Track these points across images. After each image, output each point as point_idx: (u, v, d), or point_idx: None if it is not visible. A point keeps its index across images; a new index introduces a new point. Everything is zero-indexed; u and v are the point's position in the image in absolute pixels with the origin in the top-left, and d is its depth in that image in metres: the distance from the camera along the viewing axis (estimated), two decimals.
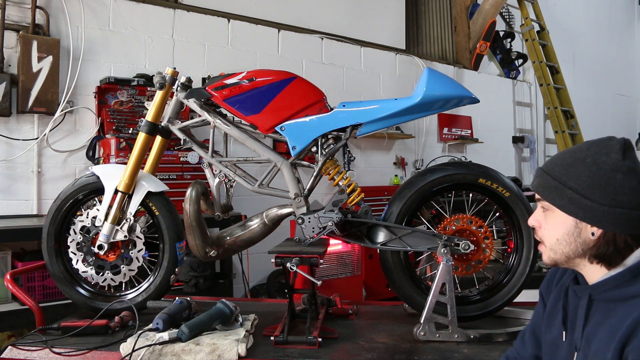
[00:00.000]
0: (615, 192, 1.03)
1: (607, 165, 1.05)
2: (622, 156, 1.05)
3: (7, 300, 2.81)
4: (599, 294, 1.08)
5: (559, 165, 1.11)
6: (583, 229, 1.07)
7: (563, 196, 1.08)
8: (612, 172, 1.04)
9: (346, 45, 5.21)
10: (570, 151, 1.13)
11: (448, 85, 1.97)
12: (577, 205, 1.06)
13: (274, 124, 2.02)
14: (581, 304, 1.12)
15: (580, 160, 1.08)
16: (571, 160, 1.10)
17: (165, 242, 2.12)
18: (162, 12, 4.04)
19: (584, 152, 1.09)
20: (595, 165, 1.06)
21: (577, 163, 1.08)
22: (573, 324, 1.13)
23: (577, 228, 1.08)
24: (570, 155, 1.11)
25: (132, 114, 3.56)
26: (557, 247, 1.11)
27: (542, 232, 1.15)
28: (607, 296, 1.06)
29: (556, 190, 1.09)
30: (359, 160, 5.23)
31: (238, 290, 3.92)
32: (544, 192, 1.12)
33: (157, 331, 1.74)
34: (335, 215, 1.96)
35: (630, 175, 1.04)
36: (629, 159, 1.05)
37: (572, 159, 1.10)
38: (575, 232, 1.08)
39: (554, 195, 1.10)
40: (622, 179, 1.03)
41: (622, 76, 9.36)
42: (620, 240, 1.05)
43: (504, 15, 7.24)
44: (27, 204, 3.43)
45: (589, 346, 1.06)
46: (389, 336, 1.93)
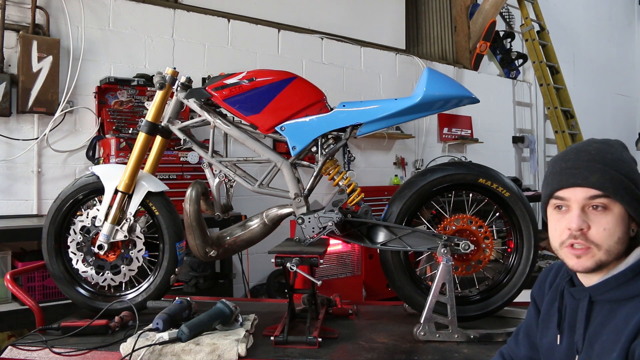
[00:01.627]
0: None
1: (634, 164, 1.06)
2: None
3: (7, 300, 2.81)
4: (600, 294, 1.06)
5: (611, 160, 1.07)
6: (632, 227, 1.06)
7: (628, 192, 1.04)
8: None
9: (346, 45, 5.21)
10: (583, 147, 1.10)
11: (448, 85, 1.97)
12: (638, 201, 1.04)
13: (274, 124, 2.03)
14: (581, 306, 1.09)
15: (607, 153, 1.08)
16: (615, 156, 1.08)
17: (165, 242, 2.12)
18: (162, 12, 4.04)
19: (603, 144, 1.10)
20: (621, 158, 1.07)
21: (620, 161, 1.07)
22: (572, 326, 1.11)
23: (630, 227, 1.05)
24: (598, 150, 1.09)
25: (132, 114, 3.55)
26: (615, 248, 1.04)
27: (595, 234, 1.05)
28: (610, 296, 1.04)
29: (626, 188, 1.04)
30: (359, 160, 5.23)
31: (238, 290, 3.92)
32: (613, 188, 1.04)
33: (157, 331, 1.74)
34: (335, 215, 1.96)
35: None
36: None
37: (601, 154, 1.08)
38: (629, 231, 1.05)
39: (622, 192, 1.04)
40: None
41: (622, 76, 9.36)
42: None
43: (504, 15, 7.24)
44: (27, 204, 3.43)
45: (592, 348, 1.04)
46: (389, 336, 1.93)
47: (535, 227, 2.06)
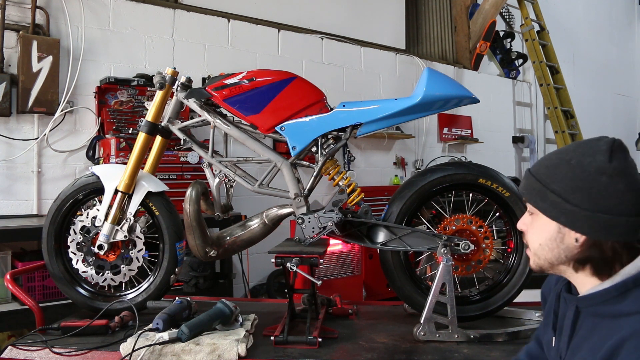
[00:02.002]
0: (599, 196, 0.97)
1: (591, 167, 0.98)
2: (608, 158, 0.97)
3: (7, 300, 2.81)
4: (585, 307, 1.03)
5: (545, 167, 1.05)
6: (566, 235, 1.01)
7: (545, 199, 1.03)
8: (597, 175, 0.97)
9: (346, 45, 5.21)
10: (558, 152, 1.07)
11: (448, 85, 1.97)
12: (559, 210, 1.00)
13: (274, 124, 2.02)
14: (568, 314, 1.07)
15: (565, 162, 1.02)
16: (557, 161, 1.04)
17: (165, 242, 2.12)
18: (162, 12, 4.04)
19: (570, 153, 1.03)
20: (580, 166, 0.99)
21: (561, 164, 1.02)
22: (561, 331, 1.10)
23: (560, 233, 1.02)
24: (557, 156, 1.05)
25: (132, 114, 3.56)
26: (540, 253, 1.06)
27: (528, 236, 1.10)
28: (594, 311, 1.01)
29: (539, 193, 1.04)
30: (359, 160, 5.23)
31: (238, 290, 3.92)
32: (528, 194, 1.07)
33: (157, 331, 1.74)
34: (335, 215, 1.96)
35: (617, 178, 0.96)
36: (616, 160, 0.97)
37: (557, 159, 1.04)
38: (558, 237, 1.02)
39: (537, 198, 1.05)
40: (607, 182, 0.96)
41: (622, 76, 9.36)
42: (607, 247, 0.98)
43: (504, 15, 7.24)
44: (27, 204, 3.43)
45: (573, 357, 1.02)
46: (389, 336, 1.93)
47: None
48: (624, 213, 0.96)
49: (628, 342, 0.89)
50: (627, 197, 0.96)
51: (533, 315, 2.08)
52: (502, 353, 1.76)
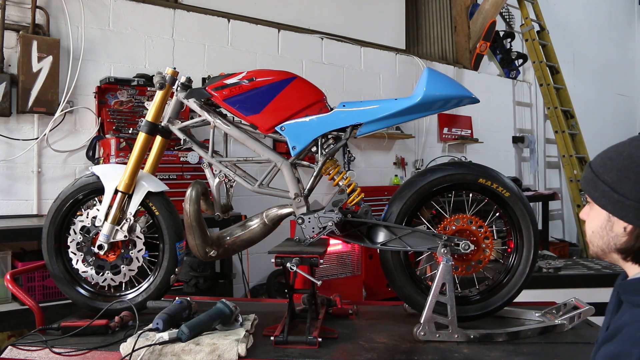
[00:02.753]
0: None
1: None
2: None
3: (7, 300, 2.81)
4: (624, 293, 1.06)
5: (601, 158, 1.09)
6: (615, 224, 1.05)
7: (597, 189, 1.06)
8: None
9: (346, 45, 5.21)
10: (616, 145, 1.09)
11: (448, 85, 1.97)
12: (608, 199, 1.04)
13: (274, 124, 2.02)
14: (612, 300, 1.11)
15: (618, 154, 1.05)
16: (612, 153, 1.07)
17: (165, 242, 2.12)
18: (162, 12, 4.04)
19: (625, 146, 1.06)
20: (630, 158, 1.02)
21: (614, 156, 1.06)
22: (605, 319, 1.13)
23: (609, 222, 1.06)
24: (613, 149, 1.08)
25: (132, 114, 3.56)
26: (593, 240, 1.10)
27: (586, 224, 1.13)
28: (626, 298, 1.05)
29: (592, 183, 1.08)
30: (359, 160, 5.23)
31: (238, 290, 3.92)
32: (584, 184, 1.11)
33: (157, 331, 1.74)
34: (335, 215, 1.96)
35: None
36: None
37: (612, 152, 1.07)
38: (607, 225, 1.06)
39: (590, 187, 1.09)
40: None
41: (622, 76, 9.36)
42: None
43: (504, 15, 7.24)
44: (27, 204, 3.43)
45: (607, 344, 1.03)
46: (389, 336, 1.93)
47: (536, 227, 2.06)
48: None
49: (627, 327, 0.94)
50: None
51: (533, 315, 2.08)
52: (502, 353, 1.76)
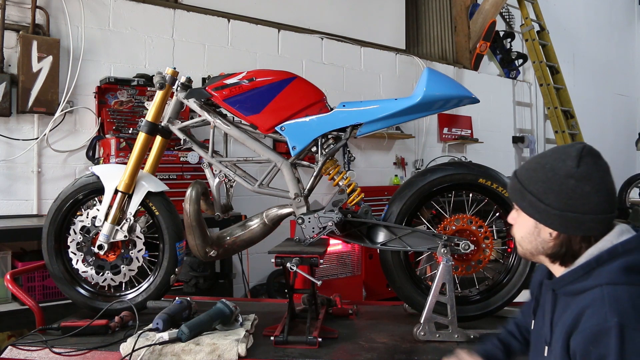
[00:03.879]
0: (568, 197, 1.10)
1: (562, 172, 1.11)
2: (576, 163, 1.10)
3: (7, 300, 2.81)
4: (559, 288, 1.16)
5: (525, 170, 1.20)
6: (542, 230, 1.16)
7: (524, 199, 1.17)
8: (566, 178, 1.10)
9: (346, 45, 5.21)
10: (537, 156, 1.20)
11: (448, 85, 1.97)
12: (535, 208, 1.15)
13: (274, 124, 2.02)
14: (548, 298, 1.21)
15: (541, 166, 1.15)
16: (535, 165, 1.17)
17: (165, 242, 2.12)
18: (162, 12, 4.04)
19: (546, 158, 1.16)
20: (552, 170, 1.12)
21: (538, 168, 1.16)
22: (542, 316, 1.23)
23: (536, 228, 1.16)
24: (536, 161, 1.19)
25: (132, 114, 3.55)
26: (522, 244, 1.22)
27: (514, 229, 1.24)
28: (565, 291, 1.14)
29: (520, 193, 1.18)
30: (359, 160, 5.23)
31: (238, 290, 3.92)
32: (511, 193, 1.22)
33: (157, 331, 1.74)
34: (335, 215, 1.96)
35: (584, 181, 1.09)
36: (584, 165, 1.10)
37: (535, 164, 1.18)
38: (535, 232, 1.17)
39: (518, 197, 1.19)
40: (574, 185, 1.09)
41: (622, 76, 9.36)
42: (576, 242, 1.13)
43: (504, 15, 7.24)
44: (27, 204, 3.43)
45: (553, 338, 1.14)
46: (389, 336, 1.93)
47: None
48: (590, 212, 1.10)
49: (587, 309, 1.03)
50: (592, 198, 1.09)
51: None
52: None
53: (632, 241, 1.09)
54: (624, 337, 0.96)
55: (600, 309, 1.01)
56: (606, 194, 1.10)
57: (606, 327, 0.98)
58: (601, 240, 1.11)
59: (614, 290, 1.03)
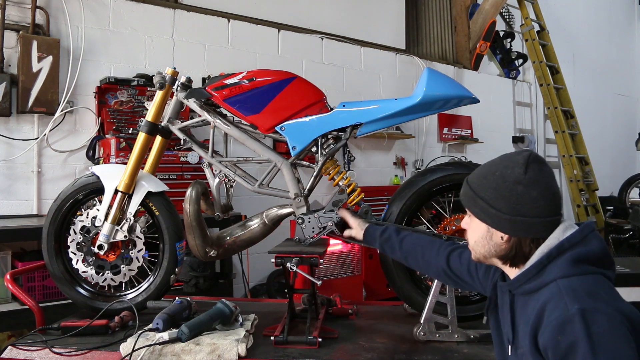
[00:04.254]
0: (517, 202, 1.16)
1: (510, 178, 1.17)
2: (524, 170, 1.16)
3: (7, 300, 2.81)
4: (515, 289, 1.22)
5: (477, 177, 1.25)
6: (494, 234, 1.21)
7: (476, 205, 1.22)
8: (514, 185, 1.16)
9: (346, 45, 5.21)
10: (488, 164, 1.26)
11: (448, 85, 1.97)
12: (486, 214, 1.20)
13: (274, 124, 2.02)
14: (505, 299, 1.26)
15: (491, 173, 1.21)
16: (485, 172, 1.23)
17: (165, 242, 2.12)
18: (162, 12, 4.04)
19: (495, 166, 1.22)
20: (501, 177, 1.18)
21: (488, 175, 1.21)
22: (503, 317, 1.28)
23: (488, 233, 1.22)
24: (487, 168, 1.24)
25: (132, 114, 3.56)
26: (476, 248, 1.27)
27: (467, 234, 1.30)
28: (521, 290, 1.19)
29: (472, 200, 1.23)
30: (359, 160, 5.23)
31: (238, 290, 3.92)
32: (464, 200, 1.27)
33: (157, 331, 1.74)
34: (335, 215, 1.96)
35: (531, 187, 1.15)
36: (531, 171, 1.16)
37: (486, 171, 1.23)
38: (487, 236, 1.22)
39: (470, 203, 1.24)
40: (522, 190, 1.15)
41: (622, 76, 9.35)
42: (526, 244, 1.18)
43: (504, 15, 7.24)
44: (27, 204, 3.43)
45: (517, 337, 1.20)
46: (389, 336, 1.93)
47: None
48: (538, 215, 1.15)
49: (548, 304, 1.08)
50: (540, 202, 1.15)
51: None
52: None
53: (576, 235, 1.15)
54: (586, 320, 1.01)
55: (559, 301, 1.06)
56: (552, 198, 1.16)
57: (569, 315, 1.02)
58: (548, 238, 1.16)
59: (568, 282, 1.09)
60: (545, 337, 1.05)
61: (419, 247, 1.63)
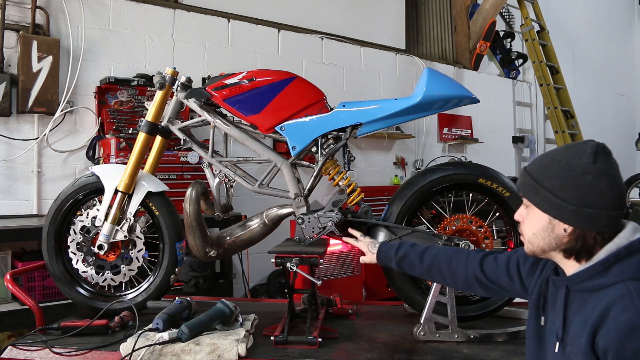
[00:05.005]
0: (584, 192, 1.10)
1: (578, 168, 1.12)
2: (593, 159, 1.11)
3: (7, 300, 2.81)
4: (574, 285, 1.16)
5: (538, 166, 1.19)
6: (556, 226, 1.15)
7: (538, 195, 1.16)
8: (582, 174, 1.11)
9: (346, 45, 5.21)
10: (550, 153, 1.20)
11: (448, 85, 1.97)
12: (550, 204, 1.14)
13: (274, 124, 2.02)
14: (559, 294, 1.20)
15: (555, 162, 1.16)
16: (548, 161, 1.18)
17: (165, 242, 2.12)
18: (162, 12, 4.04)
19: (560, 155, 1.16)
20: (568, 167, 1.13)
21: (552, 165, 1.16)
22: (553, 313, 1.22)
23: (550, 224, 1.16)
24: (549, 157, 1.19)
25: (132, 114, 3.56)
26: (534, 240, 1.20)
27: (523, 226, 1.24)
28: (582, 287, 1.14)
29: (533, 189, 1.18)
30: (359, 160, 5.22)
31: (238, 290, 3.92)
32: (523, 190, 1.21)
33: (157, 331, 1.74)
34: (335, 215, 1.96)
35: (600, 177, 1.10)
36: (599, 162, 1.11)
37: (549, 160, 1.18)
38: (549, 227, 1.16)
39: (531, 193, 1.18)
40: (591, 180, 1.10)
41: (622, 76, 9.35)
42: (590, 237, 1.13)
43: (504, 15, 7.24)
44: (27, 204, 3.43)
45: (567, 334, 1.14)
46: (389, 336, 1.93)
47: None
48: (605, 207, 1.10)
49: (615, 305, 1.04)
50: (608, 194, 1.10)
51: None
52: (502, 353, 1.76)
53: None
54: None
55: (630, 304, 1.02)
56: (619, 191, 1.12)
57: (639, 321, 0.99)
58: (617, 237, 1.12)
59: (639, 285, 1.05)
60: (609, 339, 1.01)
61: (443, 257, 1.57)
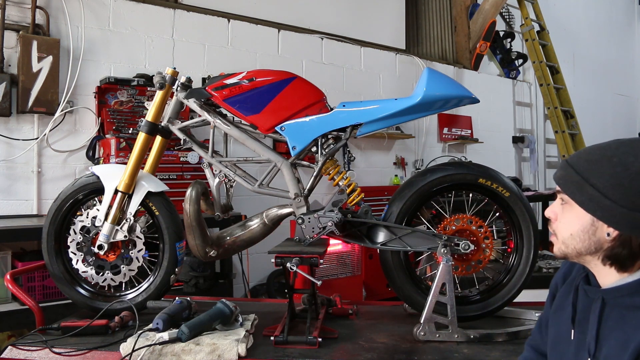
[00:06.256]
0: (638, 195, 0.98)
1: (634, 167, 0.99)
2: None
3: (7, 300, 2.81)
4: (612, 299, 1.05)
5: (584, 160, 1.06)
6: (599, 228, 1.03)
7: (583, 192, 1.04)
8: (638, 175, 0.98)
9: (346, 45, 5.21)
10: (599, 147, 1.06)
11: (448, 85, 1.97)
12: (596, 204, 1.02)
13: (274, 124, 2.02)
14: (594, 307, 1.08)
15: (606, 158, 1.02)
16: (598, 156, 1.04)
17: (165, 242, 2.12)
18: (162, 12, 4.04)
19: (613, 150, 1.03)
20: (621, 165, 1.00)
21: (603, 160, 1.03)
22: (583, 324, 1.10)
23: (593, 226, 1.04)
24: (598, 152, 1.05)
25: (132, 114, 3.56)
26: (570, 242, 1.08)
27: (557, 224, 1.11)
28: (621, 302, 1.03)
29: (577, 185, 1.05)
30: (359, 160, 5.23)
31: (238, 290, 3.92)
32: (564, 185, 1.08)
33: (157, 331, 1.74)
34: (335, 215, 1.96)
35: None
36: None
37: (599, 155, 1.04)
38: (590, 230, 1.04)
39: (574, 189, 1.05)
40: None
41: (622, 76, 9.36)
42: (636, 244, 1.01)
43: (504, 15, 7.24)
44: (27, 204, 3.43)
45: (600, 350, 1.03)
46: (389, 336, 1.93)
47: (535, 227, 2.06)
48: None
49: None
50: None
51: (533, 315, 2.08)
52: (502, 353, 1.76)
53: None
54: None
55: None
56: None
57: None
58: None
59: None
60: None
61: None
